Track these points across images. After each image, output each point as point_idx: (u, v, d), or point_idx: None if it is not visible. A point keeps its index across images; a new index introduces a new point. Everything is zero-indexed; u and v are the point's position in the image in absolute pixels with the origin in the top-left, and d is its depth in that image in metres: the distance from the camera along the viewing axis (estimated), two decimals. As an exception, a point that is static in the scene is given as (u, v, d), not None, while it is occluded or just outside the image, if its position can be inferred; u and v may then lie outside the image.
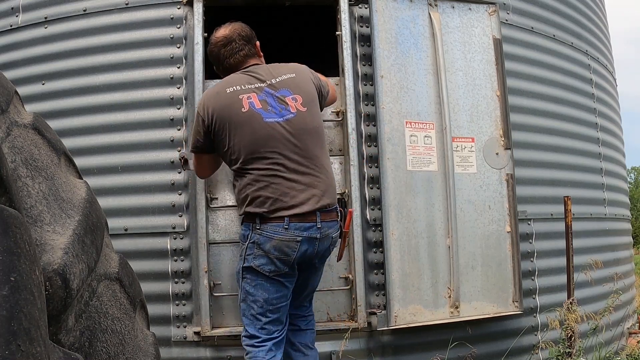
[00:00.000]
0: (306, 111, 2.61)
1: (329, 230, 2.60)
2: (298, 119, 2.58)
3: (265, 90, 2.61)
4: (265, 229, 2.51)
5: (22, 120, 1.49)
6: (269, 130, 2.54)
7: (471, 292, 3.27)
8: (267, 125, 2.54)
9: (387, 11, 3.28)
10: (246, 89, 2.60)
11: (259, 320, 2.56)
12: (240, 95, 2.58)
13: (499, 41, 3.52)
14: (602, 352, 3.68)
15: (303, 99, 2.62)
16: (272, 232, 2.51)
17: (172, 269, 3.14)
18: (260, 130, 2.54)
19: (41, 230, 1.28)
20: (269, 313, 2.55)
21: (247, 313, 2.59)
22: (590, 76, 4.46)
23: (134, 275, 1.72)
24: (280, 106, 2.58)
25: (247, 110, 2.55)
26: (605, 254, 4.23)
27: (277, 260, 2.51)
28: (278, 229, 2.50)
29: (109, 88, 3.30)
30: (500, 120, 3.46)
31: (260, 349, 2.54)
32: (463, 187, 3.32)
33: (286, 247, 2.51)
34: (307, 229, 2.52)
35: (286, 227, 2.50)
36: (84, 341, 1.32)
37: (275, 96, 2.60)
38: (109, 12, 3.35)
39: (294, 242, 2.51)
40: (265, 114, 2.55)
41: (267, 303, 2.54)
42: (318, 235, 2.55)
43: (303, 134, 2.57)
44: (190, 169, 3.12)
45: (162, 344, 2.55)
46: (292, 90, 2.63)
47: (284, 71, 2.69)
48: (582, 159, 4.24)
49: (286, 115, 2.57)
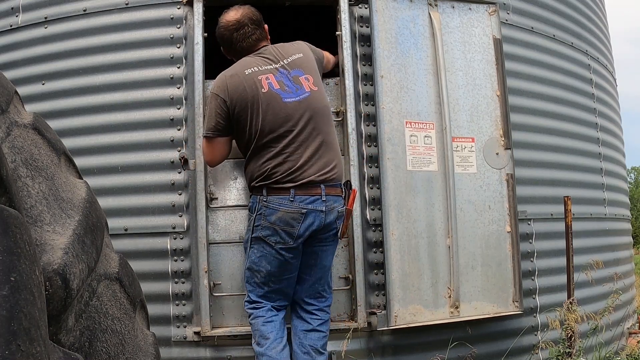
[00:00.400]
0: (317, 90, 2.74)
1: (335, 204, 2.68)
2: (312, 98, 2.70)
3: (280, 71, 2.71)
4: (272, 201, 2.62)
5: (22, 120, 1.49)
6: (288, 110, 2.65)
7: (471, 292, 3.27)
8: (286, 105, 2.65)
9: (387, 11, 3.28)
10: (263, 69, 2.70)
11: (261, 289, 2.70)
12: (259, 76, 2.67)
13: (499, 41, 3.52)
14: (602, 352, 3.68)
15: (314, 79, 2.75)
16: (278, 204, 2.61)
17: (172, 269, 3.14)
18: (280, 110, 2.64)
19: (41, 230, 1.28)
20: (271, 283, 2.69)
21: (251, 280, 2.72)
22: (590, 76, 4.46)
23: (134, 275, 1.72)
24: (296, 86, 2.70)
25: (267, 91, 2.66)
26: (605, 254, 4.23)
27: (282, 231, 2.61)
28: (283, 201, 2.61)
29: (109, 88, 3.30)
30: (500, 120, 3.46)
31: (260, 309, 2.70)
32: (463, 187, 3.32)
33: (291, 219, 2.60)
34: (313, 201, 2.61)
35: (291, 200, 2.60)
36: (84, 341, 1.32)
37: (290, 76, 2.71)
38: (109, 12, 3.35)
39: (299, 214, 2.60)
40: (284, 94, 2.66)
41: (270, 274, 2.66)
42: (323, 207, 2.63)
43: (316, 113, 2.69)
44: (190, 168, 3.13)
45: (162, 344, 2.55)
46: (303, 70, 2.75)
47: (293, 51, 2.80)
48: (582, 159, 4.24)
49: (302, 95, 2.69)
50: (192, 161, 3.13)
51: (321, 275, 2.78)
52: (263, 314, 2.70)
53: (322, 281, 2.79)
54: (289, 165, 2.62)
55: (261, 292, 2.71)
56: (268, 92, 2.65)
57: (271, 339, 2.66)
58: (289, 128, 2.63)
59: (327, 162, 2.68)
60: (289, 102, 2.65)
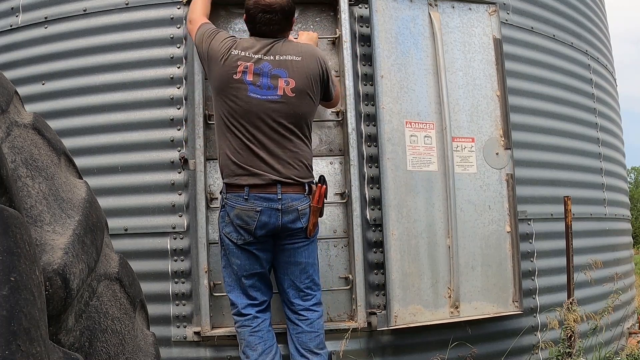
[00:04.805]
0: (293, 97, 2.67)
1: (293, 202, 2.65)
2: (281, 102, 2.65)
3: (264, 64, 2.67)
4: (230, 199, 2.66)
5: (22, 120, 1.49)
6: (248, 104, 2.63)
7: (471, 292, 3.27)
8: (249, 99, 2.63)
9: (387, 11, 3.28)
10: (248, 56, 2.67)
11: (237, 286, 2.73)
12: (240, 61, 2.66)
13: (499, 41, 3.52)
14: (602, 352, 3.68)
15: (296, 85, 2.67)
16: (234, 201, 2.65)
17: (172, 269, 3.14)
18: (242, 101, 2.63)
19: (41, 230, 1.28)
20: (244, 279, 2.70)
21: (228, 279, 2.76)
22: (590, 76, 4.46)
23: (134, 275, 1.72)
24: (270, 85, 2.65)
25: (238, 78, 2.65)
26: (605, 254, 4.23)
27: (240, 228, 2.65)
28: (239, 199, 2.63)
29: (109, 88, 3.30)
30: (500, 120, 3.46)
31: (246, 318, 2.72)
32: (463, 187, 3.32)
33: (246, 216, 2.63)
34: (267, 200, 2.62)
35: (246, 198, 2.62)
36: (84, 341, 1.32)
37: (270, 73, 2.66)
38: (109, 12, 3.35)
39: (253, 211, 2.62)
40: (252, 88, 2.64)
41: (241, 269, 2.69)
42: (279, 206, 2.63)
43: (280, 117, 2.65)
44: (190, 168, 3.13)
45: (162, 344, 2.56)
46: (289, 72, 2.67)
47: (292, 51, 2.73)
48: (582, 159, 4.24)
49: (269, 96, 2.65)
50: (192, 161, 3.12)
51: (299, 272, 2.75)
52: (249, 323, 2.71)
53: (302, 278, 2.75)
54: (243, 161, 2.63)
55: (238, 291, 2.73)
56: (239, 79, 2.64)
57: (259, 351, 2.67)
58: (248, 122, 2.63)
59: (284, 165, 2.65)
60: (252, 97, 2.63)
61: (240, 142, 2.64)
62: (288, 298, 2.77)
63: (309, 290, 2.77)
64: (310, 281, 2.77)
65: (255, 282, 2.73)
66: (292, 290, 2.76)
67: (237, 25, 3.32)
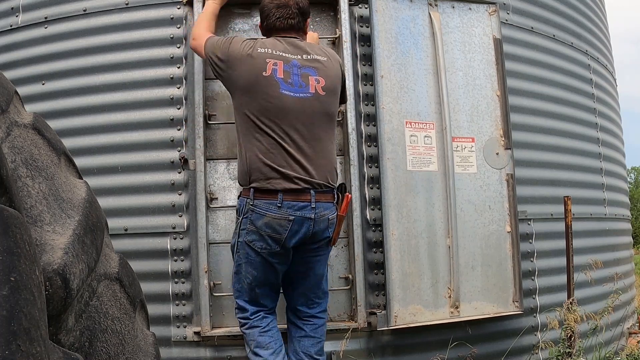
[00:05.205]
0: (324, 96, 2.62)
1: (325, 212, 2.56)
2: (313, 100, 2.58)
3: (292, 63, 2.60)
4: (258, 205, 2.51)
5: (22, 120, 1.49)
6: (281, 101, 2.53)
7: (471, 292, 3.27)
8: (281, 96, 2.54)
9: (387, 11, 3.28)
10: (276, 54, 2.59)
11: (247, 294, 2.63)
12: (268, 58, 2.57)
13: (499, 41, 3.52)
14: (602, 352, 3.68)
15: (325, 83, 2.63)
16: (265, 209, 2.50)
17: (172, 269, 3.14)
18: (273, 99, 2.53)
19: (41, 230, 1.28)
20: (257, 288, 2.62)
21: (237, 285, 2.66)
22: (590, 76, 4.46)
23: (134, 275, 1.72)
24: (301, 82, 2.58)
25: (269, 75, 2.55)
26: (605, 254, 4.23)
27: (268, 237, 2.51)
28: (271, 207, 2.49)
29: (109, 88, 3.30)
30: (500, 120, 3.46)
31: (255, 318, 2.63)
32: (463, 187, 3.32)
33: (278, 225, 2.50)
34: (301, 208, 2.51)
35: (279, 205, 2.48)
36: (84, 341, 1.32)
37: (301, 72, 2.60)
38: (109, 12, 3.35)
39: (286, 220, 2.49)
40: (284, 85, 2.55)
41: (256, 280, 2.59)
42: (312, 215, 2.52)
43: (313, 116, 2.57)
44: (190, 168, 3.13)
45: (162, 344, 2.55)
46: (318, 71, 2.63)
47: (318, 52, 2.70)
48: (582, 159, 4.24)
49: (301, 93, 2.57)
50: (192, 161, 3.12)
51: (314, 283, 2.69)
52: (258, 323, 2.64)
53: (314, 289, 2.69)
54: (277, 162, 2.50)
55: (248, 297, 2.64)
56: (269, 76, 2.54)
57: (271, 350, 2.59)
58: (280, 120, 2.52)
59: (318, 167, 2.56)
60: (284, 94, 2.54)
61: (273, 141, 2.52)
62: (295, 305, 2.72)
63: (317, 299, 2.72)
64: (320, 291, 2.73)
65: (267, 291, 2.65)
66: (301, 298, 2.70)
67: (237, 25, 3.32)
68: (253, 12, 3.33)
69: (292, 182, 2.50)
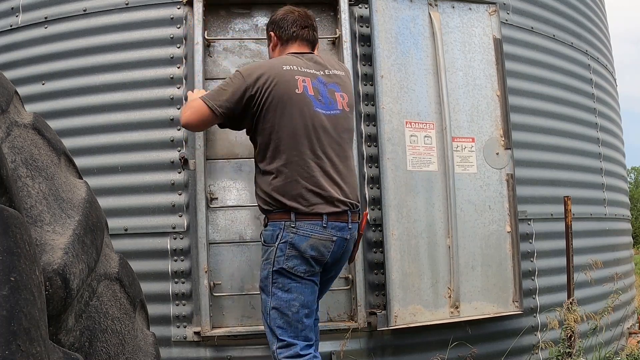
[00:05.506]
0: (349, 112, 2.57)
1: (354, 232, 2.53)
2: (341, 116, 2.52)
3: (318, 79, 2.51)
4: (302, 227, 2.36)
5: (22, 120, 1.49)
6: (316, 120, 2.43)
7: (471, 292, 3.27)
8: (315, 114, 2.44)
9: (387, 11, 3.28)
10: (302, 71, 2.48)
11: (295, 327, 2.37)
12: (297, 75, 2.45)
13: (499, 41, 3.52)
14: (602, 352, 3.68)
15: (348, 99, 2.58)
16: (310, 230, 2.37)
17: (172, 269, 3.14)
18: (308, 117, 2.42)
19: (41, 230, 1.28)
20: (305, 318, 2.39)
21: (280, 321, 2.37)
22: (590, 76, 4.46)
23: (134, 275, 1.72)
24: (330, 99, 2.51)
25: (301, 93, 2.43)
26: (605, 254, 4.23)
27: (312, 259, 2.37)
28: (316, 227, 2.37)
29: (109, 88, 3.30)
30: (500, 120, 3.46)
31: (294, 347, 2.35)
32: (463, 187, 3.32)
33: (323, 246, 2.39)
34: (341, 229, 2.43)
35: (324, 226, 2.38)
36: (84, 341, 1.32)
37: (327, 88, 2.52)
38: (109, 12, 3.35)
39: (330, 241, 2.40)
40: (316, 102, 2.45)
41: (304, 306, 2.38)
42: (348, 236, 2.47)
43: (342, 133, 2.51)
44: (190, 168, 3.12)
45: (162, 344, 2.56)
46: (340, 87, 2.57)
47: (336, 66, 2.64)
48: (582, 159, 4.24)
49: (332, 110, 2.50)
50: (192, 161, 3.12)
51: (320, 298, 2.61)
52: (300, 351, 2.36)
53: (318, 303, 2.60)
54: (318, 184, 2.38)
55: (296, 332, 2.37)
56: (302, 94, 2.42)
57: None
58: (315, 140, 2.40)
59: (350, 186, 2.49)
60: (318, 112, 2.44)
61: (312, 163, 2.40)
62: None
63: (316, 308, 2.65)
64: None
65: (311, 321, 2.44)
66: None
67: (237, 25, 3.32)
68: (253, 12, 3.33)
69: (334, 206, 2.41)
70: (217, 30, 3.30)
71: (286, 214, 2.38)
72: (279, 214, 2.40)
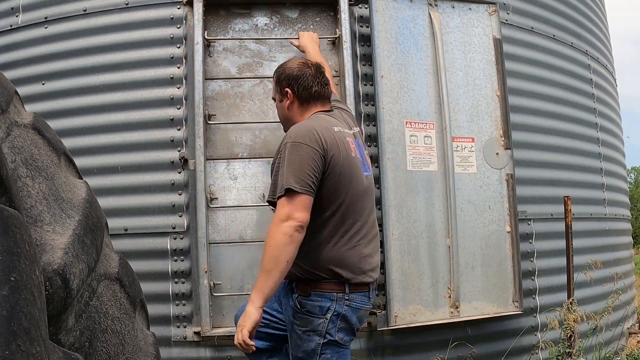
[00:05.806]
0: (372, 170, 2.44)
1: None
2: (371, 177, 2.37)
3: (355, 140, 2.34)
4: (354, 299, 2.22)
5: (22, 120, 1.49)
6: (365, 184, 2.27)
7: (471, 292, 3.27)
8: (364, 179, 2.28)
9: (387, 11, 3.28)
10: (347, 132, 2.30)
11: None
12: (347, 137, 2.27)
13: (499, 41, 3.52)
14: (602, 352, 3.68)
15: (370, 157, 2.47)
16: (360, 302, 2.25)
17: (172, 269, 3.14)
18: (360, 183, 2.24)
19: (41, 230, 1.28)
20: None
21: None
22: (590, 76, 4.47)
23: (134, 275, 1.72)
24: (365, 160, 2.35)
25: (355, 156, 2.25)
26: (605, 254, 4.23)
27: (356, 329, 2.30)
28: (365, 299, 2.26)
29: (109, 88, 3.30)
30: (500, 120, 3.46)
31: None
32: (463, 187, 3.32)
33: (365, 316, 2.36)
34: (370, 299, 2.33)
35: (370, 297, 2.29)
36: (84, 341, 1.32)
37: (359, 147, 2.35)
38: (109, 12, 3.35)
39: (369, 311, 2.37)
40: (362, 166, 2.29)
41: None
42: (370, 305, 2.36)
43: (371, 195, 2.35)
44: (190, 168, 3.12)
45: (162, 344, 2.56)
46: (361, 145, 2.41)
47: (352, 122, 2.48)
48: (582, 159, 4.24)
49: (369, 172, 2.34)
50: (192, 161, 3.13)
51: None
52: None
53: None
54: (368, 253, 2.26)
55: None
56: (355, 157, 2.24)
57: None
58: (362, 206, 2.25)
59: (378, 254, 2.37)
60: (366, 176, 2.29)
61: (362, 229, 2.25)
62: None
63: None
64: None
65: None
66: None
67: (237, 25, 3.32)
68: (253, 12, 3.33)
69: (375, 272, 2.32)
70: (217, 30, 3.30)
71: (339, 285, 2.21)
72: (330, 285, 2.21)
